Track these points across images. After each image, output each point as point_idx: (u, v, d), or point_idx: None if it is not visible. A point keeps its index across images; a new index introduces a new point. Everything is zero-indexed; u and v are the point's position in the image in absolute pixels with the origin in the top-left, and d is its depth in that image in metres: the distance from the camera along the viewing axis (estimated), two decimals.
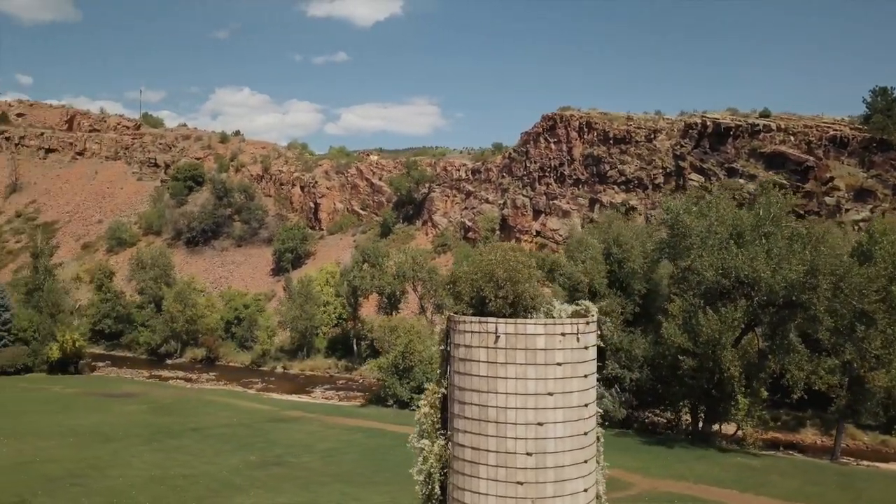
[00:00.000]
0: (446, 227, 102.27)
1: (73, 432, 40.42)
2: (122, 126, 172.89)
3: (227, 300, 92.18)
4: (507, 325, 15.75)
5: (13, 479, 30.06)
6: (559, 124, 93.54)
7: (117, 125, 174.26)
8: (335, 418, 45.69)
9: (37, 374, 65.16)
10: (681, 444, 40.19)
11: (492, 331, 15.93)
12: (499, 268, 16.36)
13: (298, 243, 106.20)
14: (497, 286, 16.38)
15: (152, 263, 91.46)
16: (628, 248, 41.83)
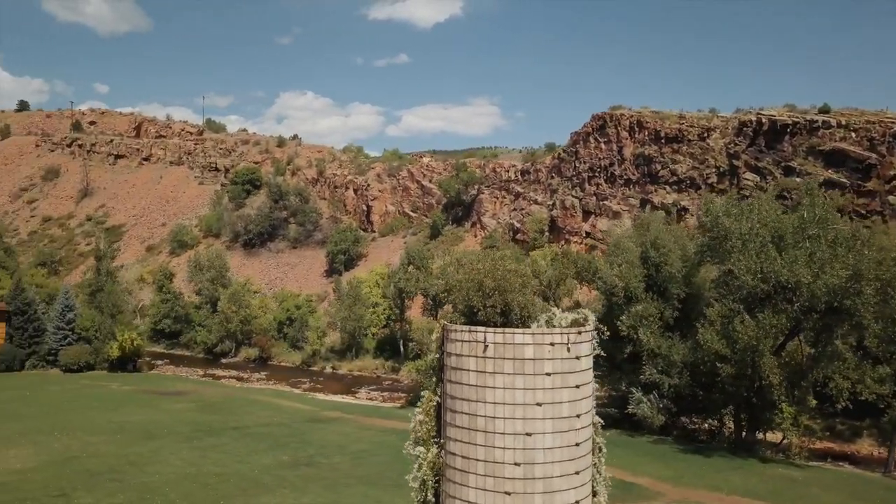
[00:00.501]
0: (495, 228, 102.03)
1: (121, 429, 42.16)
2: (185, 132, 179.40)
3: (280, 301, 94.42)
4: (496, 335, 15.70)
5: (58, 473, 31.62)
6: (609, 124, 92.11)
7: (181, 131, 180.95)
8: (372, 419, 46.23)
9: (98, 372, 68.16)
10: (720, 452, 39.01)
11: (480, 340, 15.93)
12: (488, 277, 16.34)
13: (350, 245, 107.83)
14: (485, 296, 16.36)
15: (209, 265, 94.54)
16: (666, 251, 40.85)
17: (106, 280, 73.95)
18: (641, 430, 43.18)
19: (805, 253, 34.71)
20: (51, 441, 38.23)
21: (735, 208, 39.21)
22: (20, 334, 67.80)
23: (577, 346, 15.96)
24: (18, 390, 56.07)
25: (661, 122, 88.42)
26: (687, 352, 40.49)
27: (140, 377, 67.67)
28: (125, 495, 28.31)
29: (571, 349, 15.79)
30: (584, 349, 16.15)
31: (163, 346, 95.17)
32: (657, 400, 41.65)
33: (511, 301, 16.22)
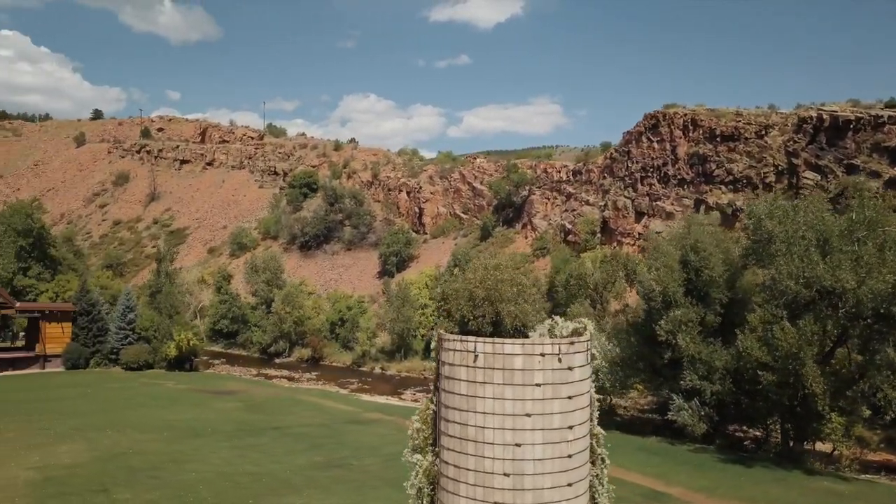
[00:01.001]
0: (546, 229, 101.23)
1: (169, 427, 43.77)
2: (247, 137, 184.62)
3: (332, 302, 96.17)
4: (486, 345, 15.70)
5: (103, 468, 33.10)
6: (662, 122, 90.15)
7: (243, 136, 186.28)
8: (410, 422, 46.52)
9: (156, 371, 70.92)
10: (764, 463, 37.65)
11: (471, 349, 15.95)
12: (478, 288, 16.34)
13: (402, 247, 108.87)
14: (475, 306, 16.36)
15: (264, 267, 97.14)
16: (706, 255, 39.72)
17: (165, 282, 76.80)
18: (683, 438, 42.11)
19: (851, 257, 33.19)
20: (102, 437, 40.01)
21: (779, 210, 37.79)
22: (85, 333, 71.15)
23: (570, 356, 15.79)
24: (81, 387, 58.88)
25: (717, 120, 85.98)
26: (729, 358, 39.31)
27: (195, 376, 70.01)
28: (161, 492, 29.41)
29: (563, 360, 15.63)
30: (577, 360, 15.96)
31: (221, 345, 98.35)
32: (698, 407, 40.54)
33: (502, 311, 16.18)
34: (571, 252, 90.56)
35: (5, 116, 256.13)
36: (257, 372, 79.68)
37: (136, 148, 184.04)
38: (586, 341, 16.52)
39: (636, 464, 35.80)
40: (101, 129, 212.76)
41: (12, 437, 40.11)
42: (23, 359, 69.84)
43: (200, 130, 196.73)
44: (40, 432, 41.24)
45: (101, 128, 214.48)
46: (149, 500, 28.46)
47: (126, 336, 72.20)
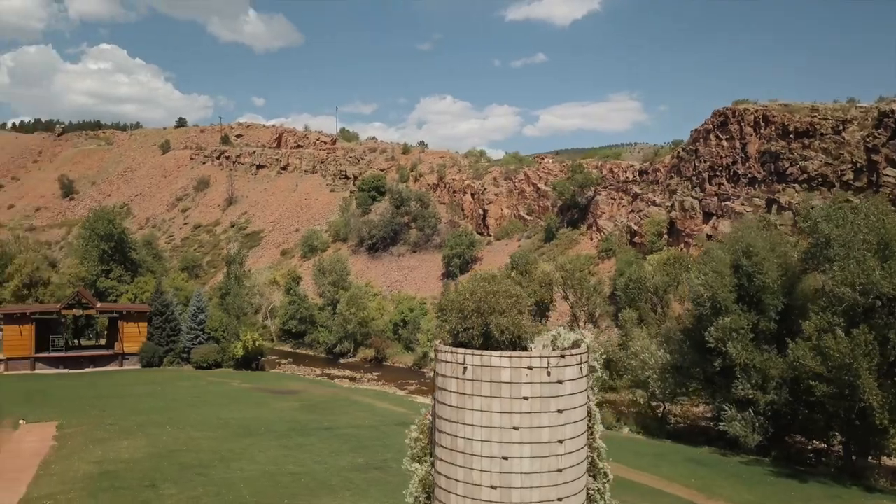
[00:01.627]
0: (612, 231, 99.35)
1: (226, 425, 45.55)
2: (320, 141, 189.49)
3: (396, 303, 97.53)
4: (474, 357, 15.72)
5: (156, 465, 34.82)
6: (731, 119, 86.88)
7: (317, 141, 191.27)
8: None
9: (225, 370, 73.82)
10: (821, 478, 35.83)
11: (460, 361, 16.01)
12: (468, 300, 16.30)
13: (465, 249, 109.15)
14: (463, 318, 16.34)
15: (331, 269, 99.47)
16: (759, 259, 38.07)
17: (234, 284, 79.78)
18: (737, 449, 40.57)
19: None
20: (161, 434, 42.06)
21: (838, 212, 35.90)
22: (159, 333, 74.80)
23: (560, 370, 15.61)
24: (152, 385, 61.98)
25: (791, 116, 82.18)
26: (785, 367, 37.64)
27: (260, 375, 72.44)
28: (204, 489, 30.71)
29: (552, 373, 15.48)
30: (568, 373, 15.76)
31: (290, 345, 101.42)
32: (752, 417, 38.99)
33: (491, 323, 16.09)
34: (637, 254, 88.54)
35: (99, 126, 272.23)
36: (321, 372, 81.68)
37: (216, 154, 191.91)
38: (580, 354, 16.29)
39: (680, 475, 34.80)
40: (185, 137, 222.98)
41: (83, 430, 42.72)
42: (103, 357, 74.13)
43: (276, 136, 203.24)
44: (107, 427, 43.73)
45: (184, 135, 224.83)
46: (192, 496, 29.79)
47: (196, 336, 75.45)
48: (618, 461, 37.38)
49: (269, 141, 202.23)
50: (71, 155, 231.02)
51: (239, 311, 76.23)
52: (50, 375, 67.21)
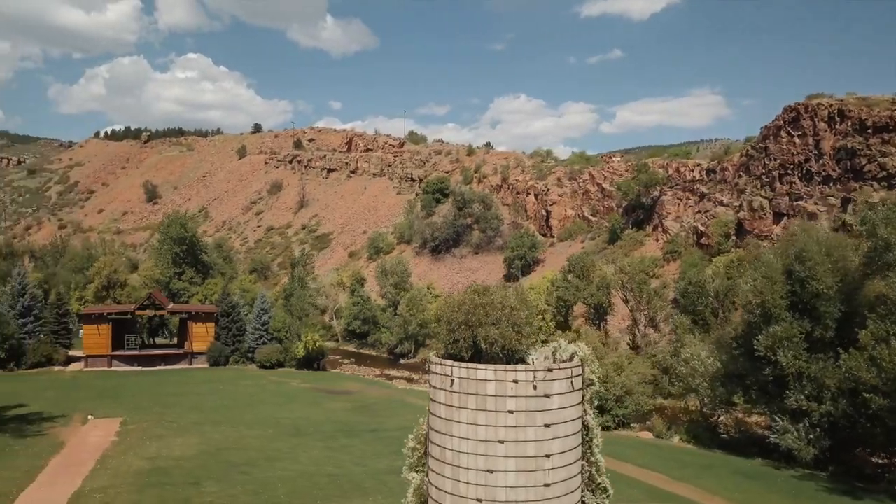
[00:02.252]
0: (678, 232, 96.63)
1: (277, 424, 46.96)
2: (388, 145, 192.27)
3: None
4: (461, 369, 15.76)
5: (204, 462, 36.29)
6: (804, 115, 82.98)
7: (385, 144, 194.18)
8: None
9: (287, 369, 76.00)
10: (880, 496, 33.80)
11: (448, 374, 16.07)
12: (456, 312, 16.30)
13: (527, 251, 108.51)
14: (451, 330, 16.36)
15: (392, 271, 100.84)
16: (812, 264, 36.24)
17: (297, 286, 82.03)
18: (792, 462, 38.81)
19: None
20: (214, 432, 43.78)
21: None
22: (226, 333, 77.73)
23: (547, 384, 15.45)
24: (215, 384, 64.49)
25: (869, 110, 77.80)
26: (842, 376, 35.79)
27: (320, 375, 74.17)
28: (243, 488, 31.81)
29: (539, 387, 15.34)
30: (556, 388, 15.58)
31: (354, 345, 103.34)
32: (807, 429, 37.26)
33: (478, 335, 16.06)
34: (703, 256, 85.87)
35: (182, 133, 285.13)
36: (380, 372, 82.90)
37: (289, 158, 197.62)
38: (570, 368, 16.07)
39: (724, 488, 33.61)
40: (260, 142, 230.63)
41: (144, 427, 44.95)
42: (174, 355, 77.65)
43: (347, 140, 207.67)
44: (166, 425, 45.86)
45: (259, 140, 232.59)
46: (230, 494, 30.91)
47: (260, 336, 77.99)
48: (659, 472, 36.55)
49: (339, 145, 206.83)
50: (155, 161, 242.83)
51: (301, 313, 78.33)
52: (124, 373, 70.92)
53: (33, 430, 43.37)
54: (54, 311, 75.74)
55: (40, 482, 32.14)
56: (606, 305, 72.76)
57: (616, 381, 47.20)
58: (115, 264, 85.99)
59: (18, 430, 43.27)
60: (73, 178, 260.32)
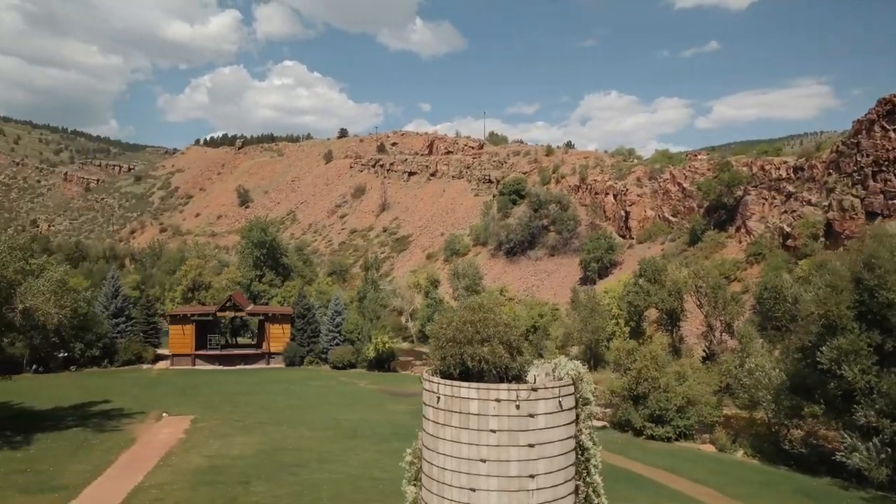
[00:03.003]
0: (762, 233, 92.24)
1: (337, 426, 48.16)
2: (468, 147, 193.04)
3: (528, 308, 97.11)
4: (446, 387, 15.80)
5: (259, 462, 37.71)
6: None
7: (465, 146, 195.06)
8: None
9: (358, 370, 77.75)
10: None
11: (435, 391, 16.14)
12: (446, 329, 16.29)
13: (603, 253, 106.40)
14: (439, 347, 16.37)
15: (463, 273, 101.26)
16: (882, 272, 33.77)
17: (369, 288, 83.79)
18: (864, 482, 36.38)
19: None
20: (276, 432, 45.39)
21: None
22: (301, 334, 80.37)
23: (532, 403, 15.26)
24: (286, 384, 66.81)
25: None
26: None
27: (389, 377, 75.43)
28: (290, 489, 32.87)
29: (522, 406, 15.17)
30: (541, 407, 15.35)
31: (427, 347, 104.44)
32: (878, 448, 34.86)
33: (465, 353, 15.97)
34: (789, 258, 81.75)
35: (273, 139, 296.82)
36: None
37: (372, 163, 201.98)
38: (558, 387, 15.80)
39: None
40: (346, 147, 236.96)
41: (212, 425, 47.18)
42: (252, 355, 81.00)
43: (428, 143, 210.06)
44: (233, 423, 47.94)
45: (345, 145, 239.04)
46: (275, 495, 32.02)
47: (334, 338, 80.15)
48: (712, 487, 35.14)
49: (421, 148, 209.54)
50: (248, 167, 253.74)
51: (372, 315, 79.86)
52: (205, 371, 74.59)
53: (112, 425, 46.35)
54: (144, 312, 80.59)
55: (107, 476, 34.37)
56: (679, 311, 70.33)
57: (677, 390, 45.67)
58: (200, 267, 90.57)
59: (99, 425, 46.34)
60: (174, 184, 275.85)
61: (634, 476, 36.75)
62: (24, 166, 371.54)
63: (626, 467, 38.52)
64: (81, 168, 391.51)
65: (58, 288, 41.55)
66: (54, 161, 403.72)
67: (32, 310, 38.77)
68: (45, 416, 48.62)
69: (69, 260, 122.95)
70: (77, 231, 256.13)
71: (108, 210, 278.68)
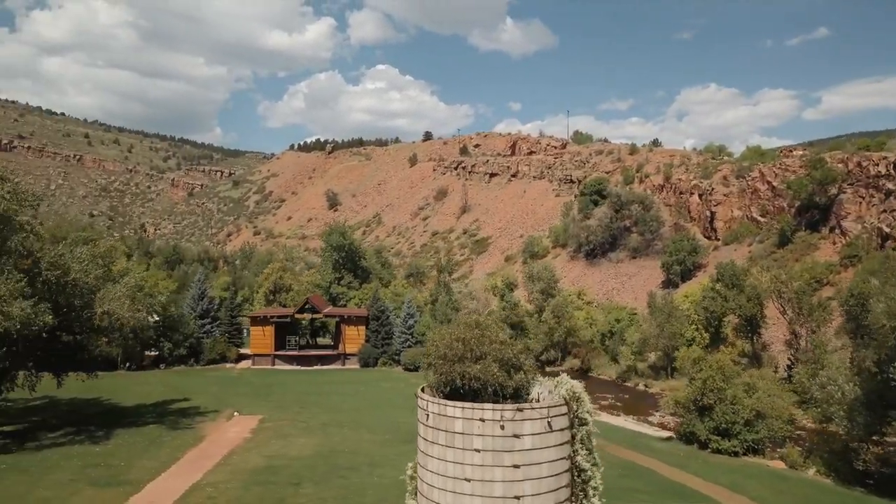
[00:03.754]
0: (858, 234, 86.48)
1: (396, 429, 48.80)
2: (550, 147, 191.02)
3: (606, 312, 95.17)
4: (433, 404, 15.82)
5: (313, 464, 38.74)
6: None
7: (547, 146, 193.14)
8: (617, 449, 44.76)
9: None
10: None
11: (424, 408, 16.19)
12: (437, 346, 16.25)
13: (687, 255, 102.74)
14: (429, 365, 16.35)
15: (539, 276, 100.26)
16: None
17: (442, 291, 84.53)
18: None
19: None
20: (336, 434, 46.53)
21: None
22: (375, 336, 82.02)
23: (517, 424, 15.07)
24: (358, 385, 68.34)
25: None
26: None
27: None
28: (336, 492, 33.64)
29: (507, 427, 15.00)
30: (527, 428, 15.10)
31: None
32: None
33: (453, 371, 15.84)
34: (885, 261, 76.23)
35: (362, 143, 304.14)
36: None
37: (454, 165, 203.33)
38: (547, 408, 15.51)
39: None
40: (430, 149, 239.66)
41: (278, 426, 48.94)
42: (329, 356, 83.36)
43: (511, 144, 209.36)
44: (298, 424, 49.53)
45: (429, 148, 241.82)
46: (321, 497, 32.86)
47: (406, 340, 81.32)
48: None
49: (504, 149, 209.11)
50: (337, 171, 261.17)
51: (444, 318, 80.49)
52: (283, 371, 77.40)
53: (185, 423, 48.87)
54: (228, 313, 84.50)
55: (170, 473, 36.32)
56: (759, 317, 67.00)
57: (745, 402, 43.61)
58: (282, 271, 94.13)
59: (175, 422, 48.97)
60: (269, 188, 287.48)
61: (689, 492, 35.37)
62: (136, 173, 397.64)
63: (683, 482, 37.13)
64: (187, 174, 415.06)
65: (134, 293, 44.18)
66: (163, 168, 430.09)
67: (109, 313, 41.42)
68: (128, 413, 51.91)
69: (167, 263, 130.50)
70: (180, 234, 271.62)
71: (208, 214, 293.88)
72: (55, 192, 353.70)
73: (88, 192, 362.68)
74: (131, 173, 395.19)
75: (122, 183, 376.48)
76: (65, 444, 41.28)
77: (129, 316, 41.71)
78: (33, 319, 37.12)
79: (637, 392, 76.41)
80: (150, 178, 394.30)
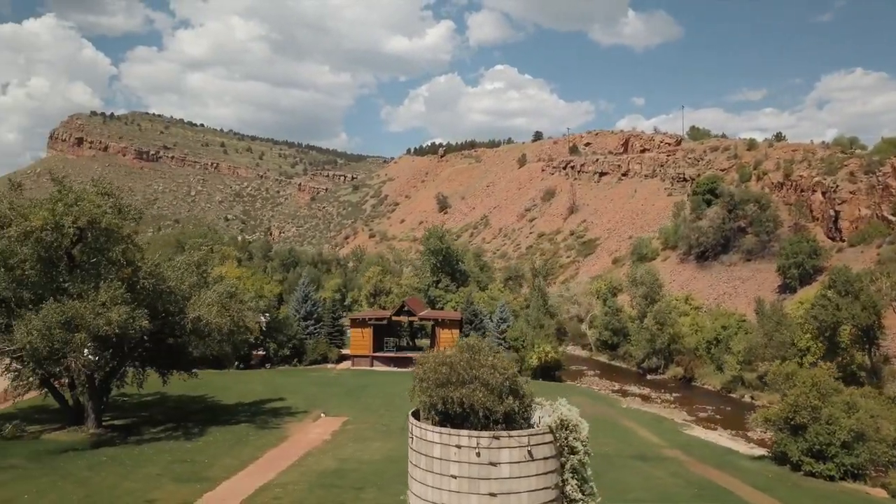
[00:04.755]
0: None
1: None
2: (664, 143, 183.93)
3: (713, 319, 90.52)
4: (416, 428, 15.84)
5: (380, 469, 39.43)
6: None
7: (661, 143, 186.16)
8: (699, 466, 42.47)
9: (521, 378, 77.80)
10: None
11: (411, 431, 16.23)
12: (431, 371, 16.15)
13: (806, 258, 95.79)
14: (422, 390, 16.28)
15: (642, 280, 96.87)
16: None
17: (535, 296, 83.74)
18: None
19: None
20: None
21: None
22: None
23: (494, 451, 14.83)
24: None
25: None
26: None
27: (552, 387, 74.28)
28: (394, 499, 34.04)
29: (483, 454, 14.79)
30: (504, 456, 14.80)
31: (606, 356, 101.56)
32: None
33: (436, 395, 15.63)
34: None
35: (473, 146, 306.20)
36: (619, 387, 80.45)
37: (562, 165, 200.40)
38: (527, 436, 15.15)
39: None
40: (540, 150, 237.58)
41: (358, 428, 50.36)
42: None
43: (623, 141, 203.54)
44: (378, 427, 50.73)
45: (539, 148, 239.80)
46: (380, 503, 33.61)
47: (499, 344, 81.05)
48: None
49: (616, 147, 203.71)
50: (448, 174, 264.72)
51: (536, 323, 79.71)
52: (379, 372, 79.50)
53: (274, 423, 51.30)
54: (330, 315, 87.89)
55: (247, 472, 38.31)
56: (876, 327, 61.42)
57: (843, 422, 40.19)
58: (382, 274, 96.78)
59: (264, 422, 51.52)
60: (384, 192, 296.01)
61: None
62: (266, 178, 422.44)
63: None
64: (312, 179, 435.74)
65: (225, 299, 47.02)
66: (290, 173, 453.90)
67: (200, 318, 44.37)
68: (226, 411, 55.21)
69: (283, 265, 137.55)
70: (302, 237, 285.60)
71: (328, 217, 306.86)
72: (195, 198, 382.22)
73: (224, 197, 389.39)
74: (262, 179, 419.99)
75: (253, 188, 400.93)
76: (161, 440, 44.53)
77: (216, 322, 44.36)
78: (131, 324, 40.41)
79: (742, 404, 72.11)
80: (278, 184, 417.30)
